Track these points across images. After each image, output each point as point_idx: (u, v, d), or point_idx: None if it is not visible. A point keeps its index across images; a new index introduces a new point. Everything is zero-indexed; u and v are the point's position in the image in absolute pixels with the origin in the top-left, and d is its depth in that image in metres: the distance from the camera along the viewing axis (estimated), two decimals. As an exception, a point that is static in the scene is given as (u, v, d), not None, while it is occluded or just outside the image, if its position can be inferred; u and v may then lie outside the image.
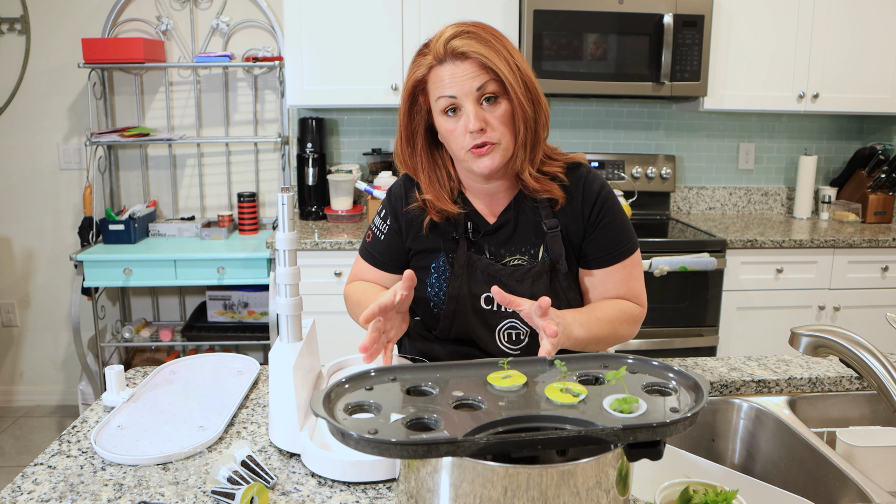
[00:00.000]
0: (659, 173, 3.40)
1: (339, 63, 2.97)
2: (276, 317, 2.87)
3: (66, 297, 3.46)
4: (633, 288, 1.39)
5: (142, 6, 3.25)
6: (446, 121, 1.28)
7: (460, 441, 0.78)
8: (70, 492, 1.04)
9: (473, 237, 1.37)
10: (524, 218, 1.37)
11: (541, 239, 1.36)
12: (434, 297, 1.39)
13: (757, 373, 1.46)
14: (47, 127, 3.34)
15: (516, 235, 1.37)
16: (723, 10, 3.05)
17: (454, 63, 1.25)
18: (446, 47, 1.26)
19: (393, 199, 1.44)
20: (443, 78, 1.26)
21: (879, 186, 3.34)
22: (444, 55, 1.26)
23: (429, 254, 1.40)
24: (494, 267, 1.35)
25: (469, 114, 1.24)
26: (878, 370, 0.98)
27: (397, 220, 1.43)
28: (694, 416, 0.83)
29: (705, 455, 1.38)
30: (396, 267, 1.45)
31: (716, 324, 2.98)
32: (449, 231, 1.38)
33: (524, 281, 1.34)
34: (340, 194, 3.16)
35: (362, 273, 1.49)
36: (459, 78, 1.24)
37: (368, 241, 1.47)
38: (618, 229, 1.36)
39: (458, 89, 1.24)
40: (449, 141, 1.30)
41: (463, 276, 1.35)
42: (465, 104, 1.25)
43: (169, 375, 1.45)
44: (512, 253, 1.37)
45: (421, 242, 1.41)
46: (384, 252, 1.45)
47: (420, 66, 1.30)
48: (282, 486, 1.06)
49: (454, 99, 1.25)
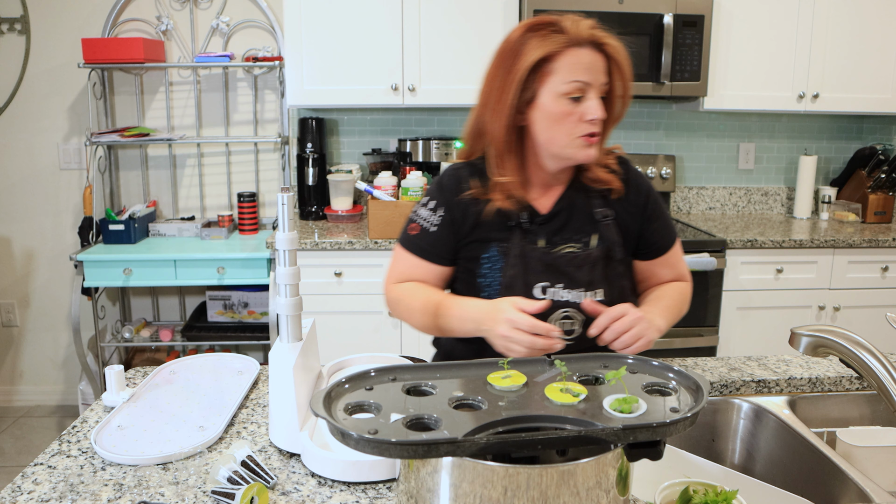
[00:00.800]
0: (659, 173, 3.40)
1: (339, 63, 2.97)
2: (276, 317, 2.87)
3: (66, 297, 3.46)
4: (679, 268, 1.50)
5: (142, 6, 3.25)
6: (566, 104, 1.28)
7: (460, 441, 0.78)
8: (70, 492, 1.04)
9: (528, 226, 1.37)
10: (578, 207, 1.39)
11: (593, 227, 1.38)
12: (486, 288, 1.37)
13: (757, 373, 1.46)
14: (47, 127, 3.34)
15: (570, 224, 1.38)
16: (723, 10, 3.05)
17: (591, 51, 1.28)
18: (591, 34, 1.28)
19: (444, 189, 1.40)
20: (581, 62, 1.27)
21: (879, 186, 3.34)
22: (586, 39, 1.27)
23: (480, 244, 1.38)
24: (551, 255, 1.35)
25: (594, 103, 1.28)
26: (878, 370, 0.98)
27: (450, 211, 1.39)
28: (694, 416, 0.83)
29: (705, 455, 1.38)
30: (446, 259, 1.41)
31: (716, 324, 2.98)
32: (503, 220, 1.37)
33: (582, 268, 1.35)
34: (340, 194, 3.16)
35: (410, 270, 1.42)
36: (596, 68, 1.28)
37: (416, 234, 1.41)
38: (668, 218, 1.48)
39: (593, 78, 1.28)
40: (559, 125, 1.30)
41: (518, 266, 1.34)
42: (591, 93, 1.29)
43: (169, 375, 1.45)
44: (565, 241, 1.37)
45: (475, 233, 1.38)
46: (435, 244, 1.40)
47: (551, 42, 1.27)
48: (282, 486, 1.06)
49: (587, 86, 1.28)
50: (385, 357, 1.44)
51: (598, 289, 1.35)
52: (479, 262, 1.38)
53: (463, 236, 1.39)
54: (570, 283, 1.34)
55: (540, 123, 1.31)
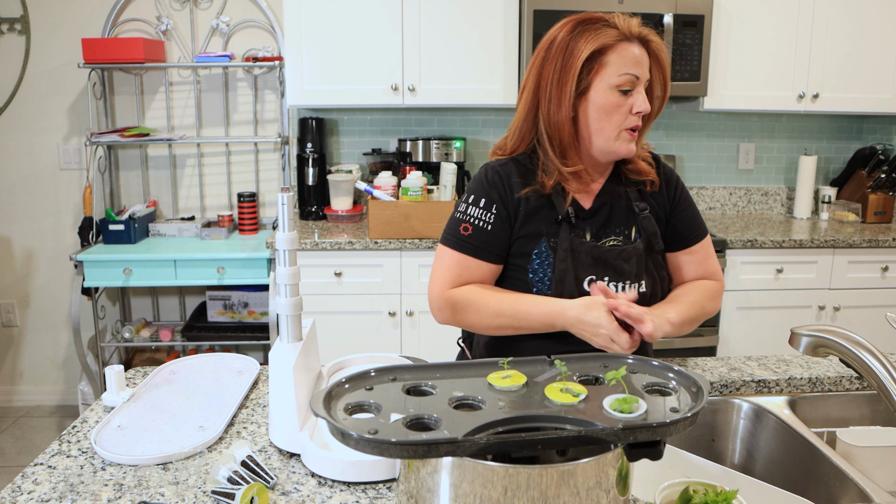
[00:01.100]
0: (659, 173, 3.40)
1: (339, 63, 2.97)
2: (276, 317, 2.87)
3: (66, 297, 3.46)
4: (710, 266, 1.49)
5: (142, 6, 3.25)
6: (617, 96, 1.33)
7: (460, 441, 0.78)
8: (70, 492, 1.04)
9: (574, 221, 1.38)
10: (618, 201, 1.42)
11: (633, 220, 1.42)
12: (537, 283, 1.38)
13: (757, 373, 1.46)
14: (47, 127, 3.34)
15: (613, 217, 1.41)
16: (723, 10, 3.05)
17: (640, 47, 1.33)
18: (640, 31, 1.33)
19: (494, 186, 1.39)
20: (633, 55, 1.32)
21: (879, 186, 3.34)
22: (636, 36, 1.33)
23: (530, 239, 1.39)
24: (599, 249, 1.37)
25: (642, 97, 1.33)
26: (878, 370, 0.98)
27: (505, 207, 1.38)
28: (694, 416, 0.83)
29: (705, 455, 1.38)
30: (500, 257, 1.40)
31: (716, 324, 2.98)
32: (551, 215, 1.38)
33: (629, 260, 1.38)
34: (340, 194, 3.16)
35: (466, 272, 1.39)
36: (644, 63, 1.33)
37: (468, 234, 1.38)
38: (696, 210, 1.50)
39: (642, 72, 1.33)
40: (609, 116, 1.33)
41: (568, 260, 1.36)
42: (639, 87, 1.33)
43: (169, 375, 1.45)
44: (608, 234, 1.40)
45: (526, 228, 1.39)
46: (491, 242, 1.39)
47: (605, 35, 1.32)
48: (282, 486, 1.06)
49: (637, 80, 1.32)
50: (385, 357, 1.44)
51: (642, 280, 1.39)
52: (529, 258, 1.38)
53: (515, 232, 1.40)
54: (617, 275, 1.37)
55: (591, 115, 1.35)
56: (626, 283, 1.37)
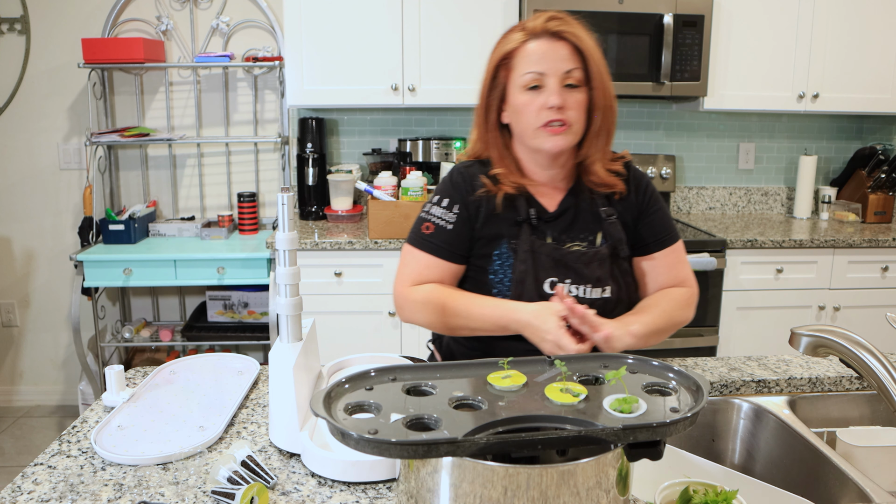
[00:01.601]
0: (659, 173, 3.40)
1: (339, 63, 2.97)
2: (276, 317, 2.87)
3: (66, 297, 3.46)
4: (681, 272, 1.46)
5: (142, 6, 3.25)
6: (524, 95, 1.33)
7: (460, 441, 0.78)
8: (70, 492, 1.04)
9: (536, 223, 1.39)
10: (583, 206, 1.42)
11: (598, 225, 1.41)
12: (497, 284, 1.39)
13: (757, 373, 1.46)
14: (47, 127, 3.33)
15: (577, 222, 1.41)
16: (723, 10, 3.05)
17: (548, 41, 1.32)
18: (545, 25, 1.33)
19: (457, 186, 1.42)
20: (533, 53, 1.32)
21: (879, 186, 3.34)
22: (541, 32, 1.33)
23: (491, 241, 1.40)
24: (560, 251, 1.37)
25: (552, 90, 1.31)
26: (878, 370, 0.98)
27: (466, 208, 1.40)
28: (694, 416, 0.83)
29: (705, 455, 1.38)
30: (461, 257, 1.42)
31: (716, 324, 2.98)
32: (512, 216, 1.39)
33: (591, 265, 1.37)
34: (340, 194, 3.16)
35: (426, 270, 1.41)
36: (551, 57, 1.32)
37: (430, 233, 1.41)
38: (666, 216, 1.47)
39: (548, 67, 1.31)
40: (522, 116, 1.34)
41: (528, 262, 1.36)
42: (549, 82, 1.32)
43: (169, 375, 1.45)
44: (572, 239, 1.40)
45: (486, 229, 1.40)
46: (450, 242, 1.40)
47: (509, 41, 1.35)
48: (282, 486, 1.06)
49: (541, 76, 1.32)
50: (385, 357, 1.44)
51: (606, 285, 1.38)
52: (490, 259, 1.39)
53: (476, 232, 1.41)
54: (579, 278, 1.37)
55: (512, 118, 1.38)
56: (589, 286, 1.37)
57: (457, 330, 1.39)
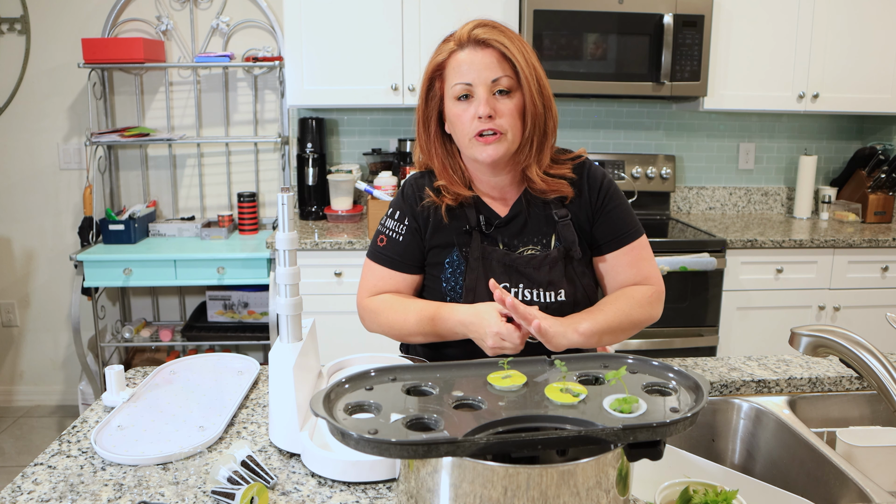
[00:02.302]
0: (659, 173, 3.40)
1: (339, 63, 2.97)
2: (276, 317, 2.87)
3: (66, 297, 3.46)
4: (643, 269, 1.42)
5: (142, 6, 3.25)
6: (456, 106, 1.32)
7: (460, 441, 0.78)
8: (70, 492, 1.04)
9: (486, 229, 1.39)
10: (535, 209, 1.41)
11: (552, 228, 1.40)
12: (450, 292, 1.40)
13: (757, 373, 1.46)
14: (47, 127, 3.33)
15: (528, 226, 1.40)
16: (723, 10, 3.05)
17: (474, 50, 1.30)
18: (470, 34, 1.31)
19: (407, 198, 1.44)
20: (462, 63, 1.31)
21: (879, 186, 3.34)
22: (467, 41, 1.31)
23: (442, 249, 1.41)
24: (510, 257, 1.37)
25: (480, 99, 1.29)
26: (878, 370, 0.98)
27: (415, 219, 1.43)
28: (694, 416, 0.83)
29: (705, 455, 1.38)
30: (414, 267, 1.44)
31: (716, 324, 2.98)
32: (461, 225, 1.40)
33: (541, 268, 1.37)
34: (340, 194, 3.16)
35: (381, 281, 1.45)
36: (477, 66, 1.30)
37: (382, 245, 1.45)
38: (624, 213, 1.42)
39: (475, 76, 1.30)
40: (456, 127, 1.34)
41: (479, 269, 1.37)
42: (478, 91, 1.30)
43: (169, 375, 1.45)
44: (525, 243, 1.40)
45: (436, 238, 1.41)
46: (402, 253, 1.43)
47: (441, 52, 1.34)
48: (282, 486, 1.06)
49: (469, 86, 1.30)
50: (385, 357, 1.44)
51: (559, 289, 1.37)
52: (442, 267, 1.41)
53: (426, 243, 1.43)
54: (531, 283, 1.37)
55: (450, 128, 1.37)
56: (540, 290, 1.36)
57: (410, 336, 1.40)
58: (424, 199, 1.42)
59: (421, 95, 1.38)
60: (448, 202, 1.39)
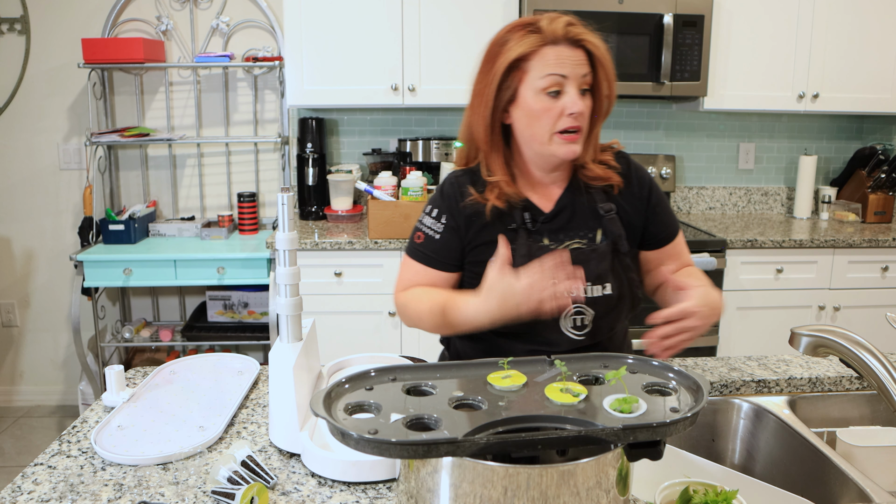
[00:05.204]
0: (659, 173, 3.40)
1: (339, 63, 2.97)
2: (276, 317, 2.87)
3: (66, 297, 3.46)
4: (684, 257, 1.50)
5: (142, 6, 3.25)
6: (544, 100, 1.30)
7: (460, 441, 0.78)
8: (70, 492, 1.04)
9: (532, 226, 1.38)
10: (580, 203, 1.40)
11: (597, 222, 1.40)
12: None
13: (757, 373, 1.46)
14: (47, 127, 3.33)
15: (574, 220, 1.40)
16: (723, 10, 3.05)
17: (568, 48, 1.30)
18: (566, 29, 1.30)
19: (446, 196, 1.42)
20: (556, 57, 1.29)
21: (879, 186, 3.34)
22: (562, 37, 1.30)
23: (486, 247, 1.38)
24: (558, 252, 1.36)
25: (573, 96, 1.29)
26: (878, 370, 0.98)
27: (454, 218, 1.40)
28: (694, 416, 0.83)
29: (705, 455, 1.38)
30: (452, 266, 1.42)
31: (716, 324, 2.98)
32: (506, 223, 1.38)
33: (589, 262, 1.36)
34: (340, 194, 3.16)
35: (416, 277, 1.43)
36: (571, 63, 1.30)
37: (420, 242, 1.43)
38: (668, 206, 1.48)
39: (570, 71, 1.29)
40: (535, 121, 1.31)
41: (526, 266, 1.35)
42: (570, 88, 1.30)
43: (169, 375, 1.45)
44: (570, 237, 1.39)
45: (480, 237, 1.39)
46: (439, 251, 1.41)
47: (525, 43, 1.30)
48: (282, 486, 1.06)
49: (564, 79, 1.29)
50: (385, 357, 1.44)
51: (606, 282, 1.37)
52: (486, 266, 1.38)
53: (468, 242, 1.40)
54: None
55: (521, 121, 1.34)
56: (588, 284, 1.36)
57: (439, 328, 1.38)
58: (466, 197, 1.39)
59: (494, 85, 1.33)
60: (495, 203, 1.37)
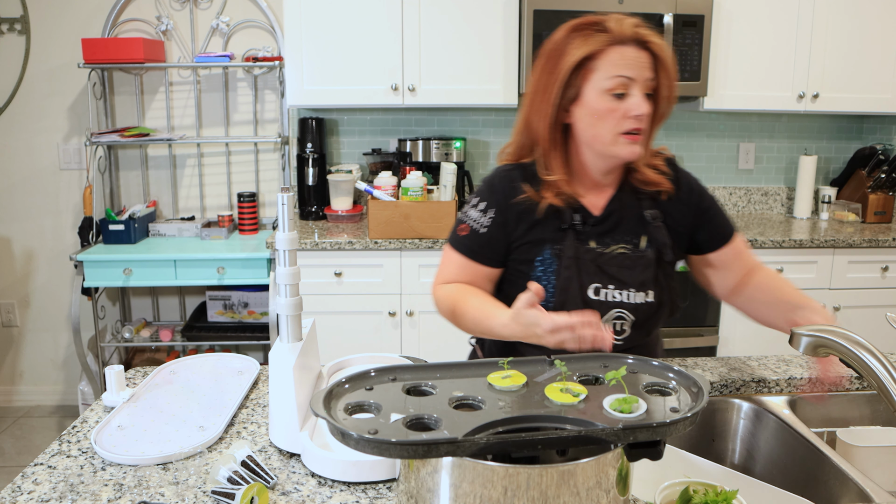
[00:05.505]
0: (659, 173, 3.40)
1: (339, 63, 2.97)
2: (276, 317, 2.87)
3: (66, 297, 3.46)
4: (750, 258, 1.49)
5: (142, 6, 3.25)
6: (609, 101, 1.29)
7: (460, 441, 0.78)
8: (70, 492, 1.04)
9: (581, 228, 1.37)
10: (628, 208, 1.40)
11: (643, 229, 1.39)
12: None
13: (757, 373, 1.46)
14: (47, 127, 3.33)
15: (621, 225, 1.39)
16: (723, 10, 3.05)
17: (635, 49, 1.29)
18: (634, 31, 1.29)
19: (496, 191, 1.40)
20: (624, 58, 1.29)
21: (879, 186, 3.34)
22: (630, 38, 1.29)
23: (533, 246, 1.37)
24: (604, 257, 1.36)
25: (638, 98, 1.29)
26: (878, 370, 0.98)
27: (502, 213, 1.38)
28: (694, 416, 0.83)
29: (705, 455, 1.38)
30: (494, 261, 1.40)
31: (716, 324, 2.98)
32: (556, 223, 1.37)
33: (634, 269, 1.36)
34: (340, 194, 3.16)
35: (458, 270, 1.41)
36: (638, 64, 1.29)
37: (465, 235, 1.41)
38: (721, 208, 1.48)
39: (636, 73, 1.29)
40: (600, 121, 1.30)
41: (572, 268, 1.34)
42: (635, 90, 1.29)
43: (169, 375, 1.45)
44: (616, 241, 1.38)
45: (528, 235, 1.38)
46: (483, 245, 1.39)
47: (592, 42, 1.29)
48: (282, 486, 1.06)
49: (631, 80, 1.29)
50: (385, 357, 1.44)
51: (648, 290, 1.36)
52: (532, 265, 1.37)
53: (515, 239, 1.39)
54: (621, 284, 1.35)
55: (584, 121, 1.32)
56: (632, 291, 1.35)
57: (471, 332, 1.38)
58: (517, 192, 1.38)
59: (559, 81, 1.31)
60: (553, 201, 1.35)
